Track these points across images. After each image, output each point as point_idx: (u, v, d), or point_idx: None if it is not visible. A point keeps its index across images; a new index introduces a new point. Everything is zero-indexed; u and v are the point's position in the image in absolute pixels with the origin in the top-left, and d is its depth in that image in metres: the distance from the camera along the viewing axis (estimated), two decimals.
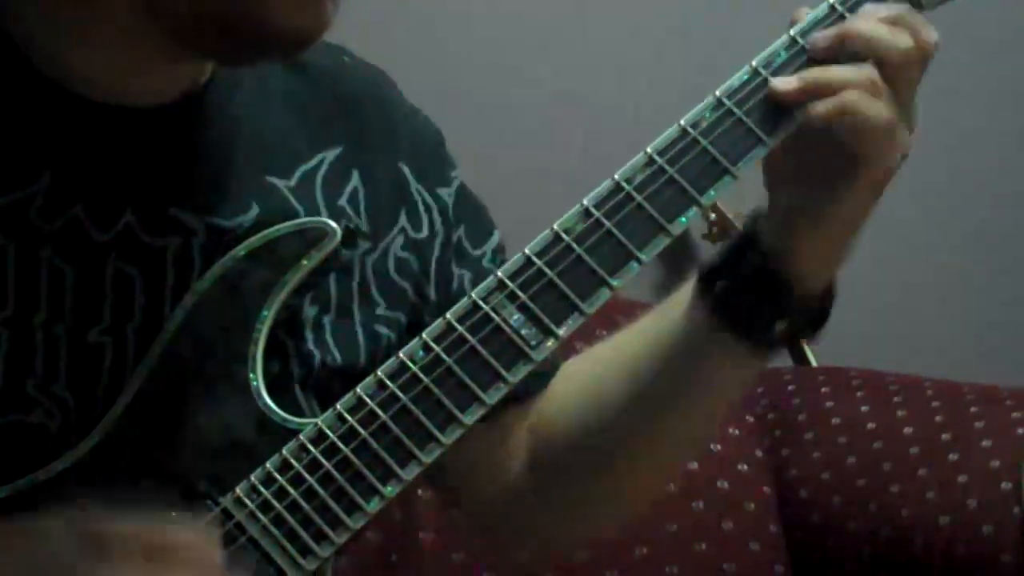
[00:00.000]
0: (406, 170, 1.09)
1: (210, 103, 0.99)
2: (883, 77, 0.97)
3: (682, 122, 0.98)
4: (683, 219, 0.97)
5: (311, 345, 1.01)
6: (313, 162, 1.03)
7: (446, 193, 1.11)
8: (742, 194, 1.29)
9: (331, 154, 1.05)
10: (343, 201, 1.04)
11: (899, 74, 0.98)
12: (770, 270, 1.02)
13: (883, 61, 0.97)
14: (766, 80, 0.99)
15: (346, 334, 1.02)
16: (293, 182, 1.01)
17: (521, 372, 0.94)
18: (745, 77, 0.99)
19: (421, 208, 1.09)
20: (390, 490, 0.92)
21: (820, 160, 1.00)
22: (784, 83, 0.98)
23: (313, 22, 0.92)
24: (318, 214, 1.01)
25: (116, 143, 0.95)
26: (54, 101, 0.94)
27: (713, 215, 2.10)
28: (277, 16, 0.90)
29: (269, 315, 0.95)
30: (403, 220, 1.08)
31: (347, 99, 1.08)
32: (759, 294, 1.02)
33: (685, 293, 1.06)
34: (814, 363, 2.14)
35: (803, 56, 1.00)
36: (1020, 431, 1.78)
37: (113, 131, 0.95)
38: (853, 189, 1.00)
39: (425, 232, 1.09)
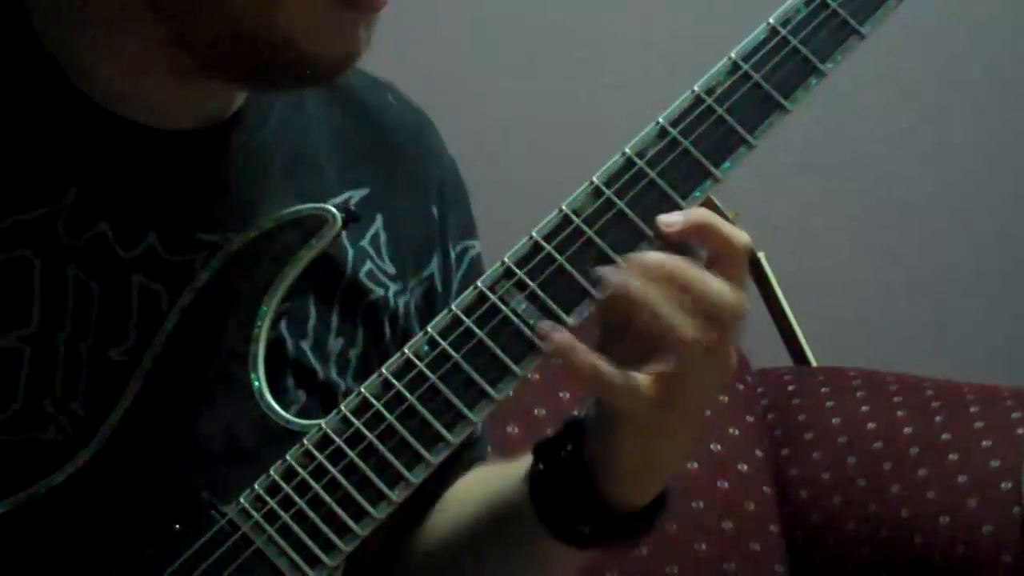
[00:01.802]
0: (435, 213, 1.07)
1: (242, 129, 0.97)
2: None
3: (696, 88, 0.92)
4: (697, 193, 0.91)
5: (335, 375, 0.99)
6: (339, 199, 1.01)
7: (452, 254, 1.09)
8: (741, 194, 1.30)
9: (358, 194, 1.02)
10: (364, 243, 1.02)
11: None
12: (580, 463, 0.94)
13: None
14: (785, 39, 0.92)
15: (369, 373, 0.96)
16: None
17: (531, 365, 0.90)
18: (762, 36, 0.93)
19: (437, 259, 1.07)
20: (398, 495, 0.89)
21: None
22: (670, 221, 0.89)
23: (343, 48, 0.90)
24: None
25: (144, 164, 0.94)
26: (85, 117, 0.93)
27: None
28: (304, 43, 0.88)
29: (269, 311, 0.93)
30: (433, 266, 1.06)
31: (385, 138, 1.05)
32: (566, 485, 0.95)
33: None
34: (814, 363, 2.14)
35: (824, 11, 0.93)
36: (1020, 431, 1.78)
37: (142, 152, 0.94)
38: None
39: (439, 284, 1.07)
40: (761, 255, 2.09)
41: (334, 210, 0.94)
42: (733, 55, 0.93)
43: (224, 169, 0.97)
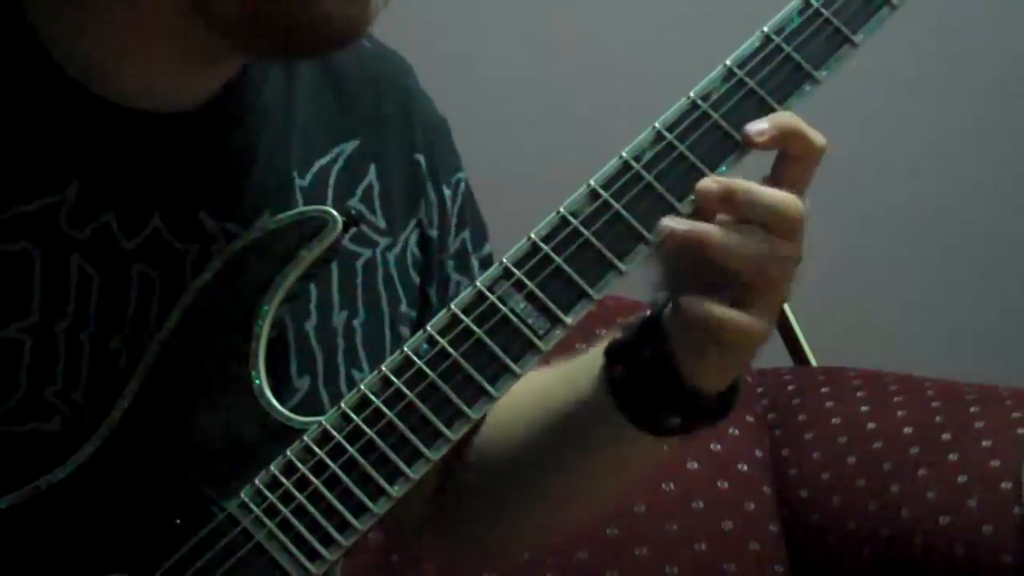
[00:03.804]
0: (421, 160, 1.08)
1: (238, 103, 0.98)
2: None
3: (692, 94, 0.94)
4: (693, 196, 0.92)
5: (339, 357, 1.00)
6: (329, 156, 1.02)
7: (448, 192, 1.10)
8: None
9: (349, 147, 1.03)
10: (355, 200, 1.03)
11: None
12: (665, 362, 0.96)
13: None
14: (779, 47, 0.94)
15: (374, 338, 0.99)
16: (307, 181, 1.00)
17: (530, 364, 0.92)
18: (756, 44, 0.95)
19: (430, 202, 1.08)
20: (397, 490, 0.90)
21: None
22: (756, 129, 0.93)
23: (358, 11, 0.90)
24: None
25: (145, 149, 0.94)
26: (82, 107, 0.93)
27: None
28: (324, 5, 0.89)
29: (270, 310, 0.93)
30: (421, 212, 1.07)
31: (367, 85, 1.06)
32: (651, 383, 0.97)
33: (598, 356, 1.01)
34: (814, 363, 2.14)
35: (817, 20, 0.95)
36: (1020, 431, 1.78)
37: (142, 137, 0.94)
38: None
39: (432, 230, 1.08)
40: None
41: (335, 213, 0.95)
42: (728, 62, 0.95)
43: (222, 146, 0.98)
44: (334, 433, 0.91)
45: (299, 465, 0.90)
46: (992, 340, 2.37)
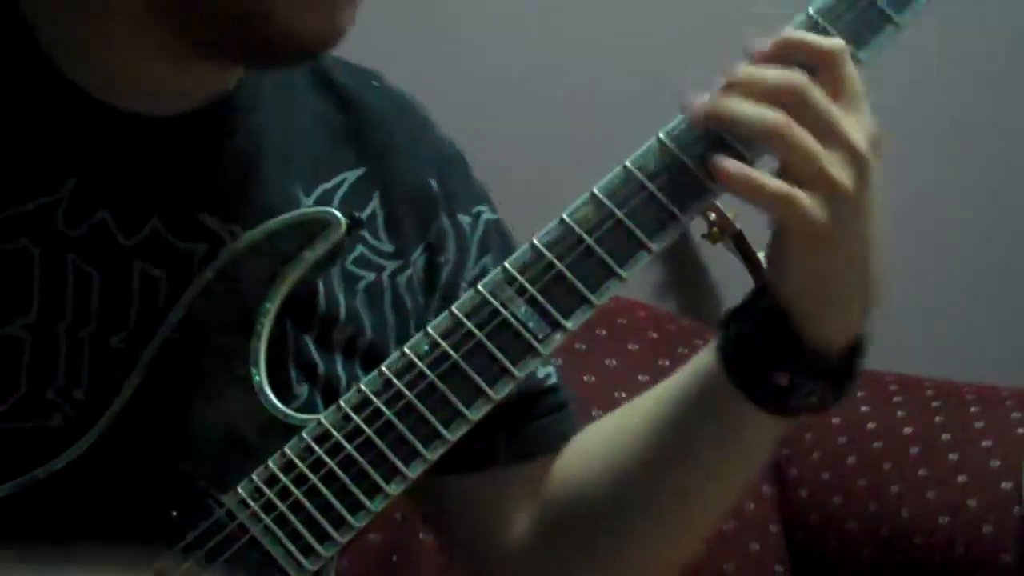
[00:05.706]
0: (434, 185, 1.08)
1: (234, 112, 0.98)
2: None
3: None
4: (696, 204, 0.93)
5: (340, 369, 1.01)
6: (334, 182, 1.02)
7: (466, 220, 1.09)
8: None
9: (352, 175, 1.03)
10: None
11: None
12: (776, 313, 0.95)
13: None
14: None
15: (378, 357, 0.98)
16: (311, 200, 1.00)
17: (529, 367, 0.92)
18: None
19: (443, 228, 1.08)
20: (394, 488, 0.91)
21: None
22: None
23: (326, 24, 0.91)
24: None
25: (142, 152, 0.95)
26: (79, 108, 0.94)
27: (713, 215, 2.09)
28: (285, 19, 0.89)
29: (271, 309, 0.94)
30: (432, 236, 1.07)
31: (374, 118, 1.07)
32: (762, 340, 0.96)
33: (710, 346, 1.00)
34: None
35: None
36: (1020, 431, 1.78)
37: (138, 140, 0.95)
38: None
39: (442, 256, 1.07)
40: (761, 255, 2.09)
41: (339, 214, 0.95)
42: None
43: (220, 152, 0.98)
44: (333, 431, 0.92)
45: (297, 462, 0.91)
46: (992, 340, 2.37)
